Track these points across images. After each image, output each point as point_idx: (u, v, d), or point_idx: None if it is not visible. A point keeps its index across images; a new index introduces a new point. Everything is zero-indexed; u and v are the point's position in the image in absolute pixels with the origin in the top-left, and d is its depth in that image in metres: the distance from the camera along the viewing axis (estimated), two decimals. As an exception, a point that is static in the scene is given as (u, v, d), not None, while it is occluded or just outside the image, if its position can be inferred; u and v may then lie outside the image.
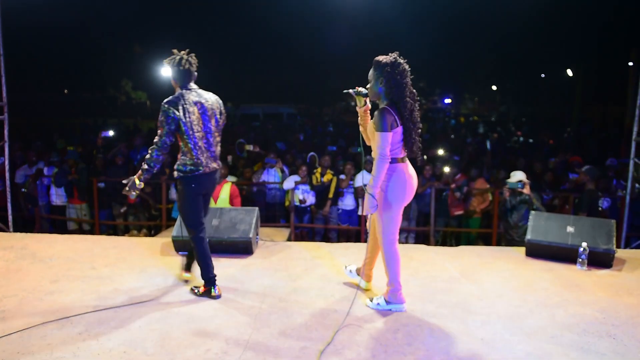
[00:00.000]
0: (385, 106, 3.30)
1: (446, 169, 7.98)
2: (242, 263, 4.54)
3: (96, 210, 7.71)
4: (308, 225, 7.63)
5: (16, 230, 6.14)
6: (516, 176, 6.02)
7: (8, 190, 6.32)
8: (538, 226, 4.79)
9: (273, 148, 10.09)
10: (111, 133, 14.08)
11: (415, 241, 7.65)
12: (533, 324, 3.36)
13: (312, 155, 8.82)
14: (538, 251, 4.74)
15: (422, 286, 4.00)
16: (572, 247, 4.52)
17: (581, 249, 4.43)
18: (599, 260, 4.49)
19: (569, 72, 26.01)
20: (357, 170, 7.74)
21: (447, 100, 44.05)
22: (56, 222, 8.22)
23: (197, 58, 3.73)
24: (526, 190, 5.86)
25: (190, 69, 3.66)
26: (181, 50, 3.71)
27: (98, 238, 5.72)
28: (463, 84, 41.84)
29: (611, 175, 7.83)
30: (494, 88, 40.12)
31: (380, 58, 3.34)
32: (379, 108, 3.31)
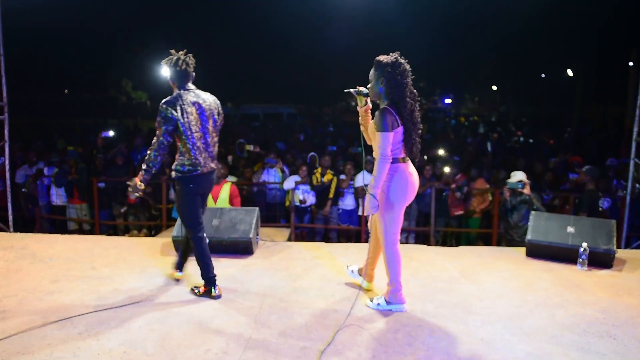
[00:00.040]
0: (385, 106, 3.30)
1: (446, 169, 7.98)
2: (243, 263, 4.54)
3: (96, 210, 7.71)
4: (308, 225, 7.63)
5: (16, 230, 6.15)
6: (516, 176, 6.02)
7: (8, 190, 6.33)
8: (538, 226, 4.79)
9: (273, 148, 10.11)
10: (111, 133, 14.08)
11: (415, 241, 7.65)
12: (533, 324, 3.36)
13: (313, 155, 8.82)
14: (538, 251, 4.73)
15: (422, 286, 4.00)
16: (573, 248, 4.52)
17: (581, 249, 4.43)
18: (600, 260, 4.49)
19: (569, 72, 26.03)
20: (358, 170, 7.75)
21: (447, 100, 44.04)
22: (56, 222, 8.23)
23: (197, 58, 3.73)
24: (526, 190, 5.86)
25: (187, 70, 3.66)
26: (179, 50, 3.70)
27: (98, 238, 5.72)
28: (463, 84, 41.82)
29: (611, 175, 7.82)
30: (494, 88, 40.15)
31: (381, 58, 3.34)
32: (380, 108, 3.31)
